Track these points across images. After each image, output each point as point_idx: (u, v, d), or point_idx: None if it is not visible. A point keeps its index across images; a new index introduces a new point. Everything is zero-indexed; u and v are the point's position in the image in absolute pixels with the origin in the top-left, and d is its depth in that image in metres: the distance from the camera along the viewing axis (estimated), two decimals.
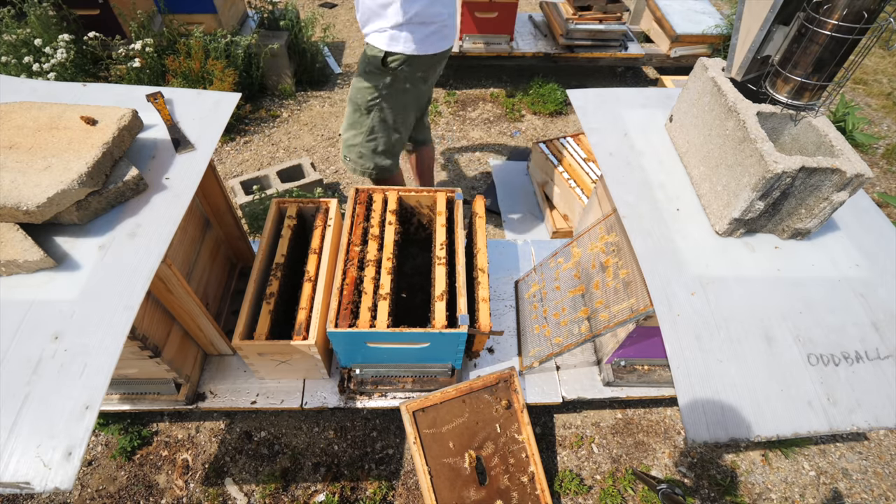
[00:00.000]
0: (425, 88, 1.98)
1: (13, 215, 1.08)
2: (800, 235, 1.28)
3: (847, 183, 1.12)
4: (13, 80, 1.55)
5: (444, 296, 1.55)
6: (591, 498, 1.83)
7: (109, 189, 1.19)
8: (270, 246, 1.72)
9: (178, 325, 1.60)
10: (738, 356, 1.07)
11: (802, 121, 1.23)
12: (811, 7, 1.05)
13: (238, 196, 2.50)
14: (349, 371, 1.74)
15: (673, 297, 1.14)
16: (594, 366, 1.89)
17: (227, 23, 3.29)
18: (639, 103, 1.65)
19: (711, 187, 1.29)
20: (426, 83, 1.95)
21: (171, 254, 1.34)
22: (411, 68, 1.79)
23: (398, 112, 1.92)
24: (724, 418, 1.00)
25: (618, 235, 1.54)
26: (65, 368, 0.96)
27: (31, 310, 1.04)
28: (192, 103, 1.53)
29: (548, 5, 3.73)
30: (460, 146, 3.26)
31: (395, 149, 2.04)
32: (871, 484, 1.91)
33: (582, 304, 1.77)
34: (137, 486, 1.79)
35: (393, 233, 1.67)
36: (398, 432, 1.95)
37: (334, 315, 1.47)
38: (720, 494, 1.86)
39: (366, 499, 1.78)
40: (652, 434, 2.00)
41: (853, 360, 1.09)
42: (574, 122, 3.50)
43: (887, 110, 3.81)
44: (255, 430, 1.93)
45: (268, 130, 3.28)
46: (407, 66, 1.77)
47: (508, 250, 2.27)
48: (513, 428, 1.63)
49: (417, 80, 1.87)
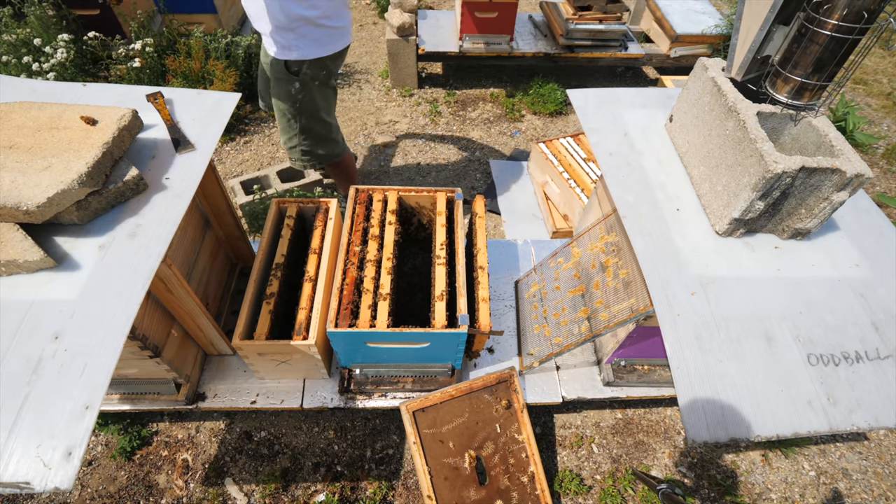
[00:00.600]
0: (333, 82, 2.01)
1: (13, 215, 1.08)
2: (800, 235, 1.28)
3: (847, 183, 1.12)
4: (13, 80, 1.55)
5: (444, 296, 1.55)
6: (591, 498, 1.83)
7: (109, 189, 1.19)
8: (270, 246, 1.72)
9: (178, 325, 1.60)
10: (738, 356, 1.07)
11: (802, 121, 1.23)
12: (811, 7, 1.05)
13: (238, 196, 2.50)
14: (349, 371, 1.74)
15: (673, 297, 1.14)
16: (594, 366, 1.89)
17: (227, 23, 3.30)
18: (639, 103, 1.65)
19: (711, 187, 1.29)
20: (333, 77, 1.99)
21: (171, 254, 1.34)
22: (314, 70, 1.84)
23: (321, 106, 1.98)
24: (724, 418, 1.00)
25: (618, 235, 1.54)
26: (65, 368, 0.96)
27: (31, 310, 1.04)
28: (192, 103, 1.53)
29: (548, 5, 3.73)
30: (460, 146, 3.26)
31: (332, 134, 2.11)
32: (871, 484, 1.91)
33: (582, 304, 1.77)
34: (137, 486, 1.79)
35: (393, 233, 1.67)
36: (398, 432, 1.95)
37: (334, 315, 1.47)
38: (720, 494, 1.86)
39: (366, 499, 1.78)
40: (652, 434, 2.00)
41: (853, 360, 1.09)
42: (574, 122, 3.50)
43: (887, 110, 3.81)
44: (255, 430, 1.93)
45: (268, 130, 3.28)
46: (309, 68, 1.82)
47: (508, 250, 2.27)
48: (513, 428, 1.63)
49: (323, 77, 1.90)
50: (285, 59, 1.78)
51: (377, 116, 3.45)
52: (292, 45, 1.74)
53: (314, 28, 1.72)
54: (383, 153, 3.19)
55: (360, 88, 3.69)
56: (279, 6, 1.62)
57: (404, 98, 3.61)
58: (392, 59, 3.50)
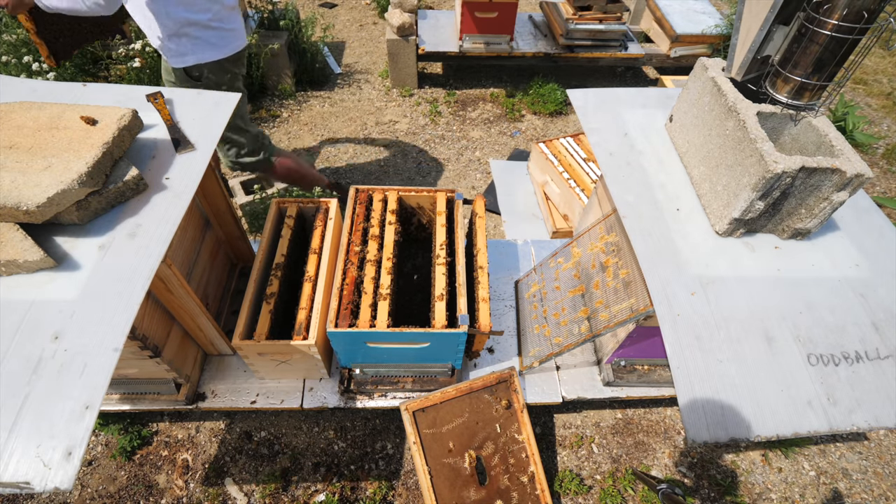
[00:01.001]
0: (240, 84, 1.98)
1: (13, 215, 1.08)
2: (800, 235, 1.28)
3: (847, 183, 1.12)
4: (13, 80, 1.55)
5: (444, 296, 1.55)
6: (591, 498, 1.83)
7: (109, 189, 1.19)
8: (270, 246, 1.72)
9: (178, 325, 1.60)
10: (738, 356, 1.07)
11: (802, 121, 1.23)
12: (811, 7, 1.05)
13: (238, 196, 2.50)
14: (349, 371, 1.74)
15: (673, 297, 1.14)
16: (594, 366, 1.89)
17: None
18: (639, 103, 1.65)
19: (711, 187, 1.29)
20: (238, 82, 1.95)
21: (171, 254, 1.34)
22: (217, 75, 1.82)
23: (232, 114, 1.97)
24: (724, 418, 1.00)
25: (618, 235, 1.54)
26: (65, 368, 0.96)
27: (31, 310, 1.04)
28: (192, 103, 1.53)
29: (548, 5, 3.73)
30: (460, 146, 3.26)
31: (251, 144, 2.09)
32: (871, 484, 1.91)
33: (582, 304, 1.77)
34: (137, 486, 1.79)
35: (393, 233, 1.67)
36: (398, 432, 1.95)
37: (334, 315, 1.47)
38: (720, 494, 1.86)
39: (366, 499, 1.78)
40: (652, 434, 2.00)
41: (853, 360, 1.09)
42: (574, 122, 3.50)
43: (887, 110, 3.81)
44: (255, 430, 1.93)
45: (268, 130, 3.28)
46: (210, 73, 1.80)
47: (508, 250, 2.27)
48: (513, 428, 1.63)
49: (228, 81, 1.88)
50: (184, 66, 1.75)
51: (377, 116, 3.45)
52: (188, 51, 1.72)
53: (205, 30, 1.70)
54: (383, 153, 3.19)
55: (360, 88, 3.69)
56: (166, 13, 1.61)
57: (404, 98, 3.61)
58: (392, 59, 3.50)
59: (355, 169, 3.07)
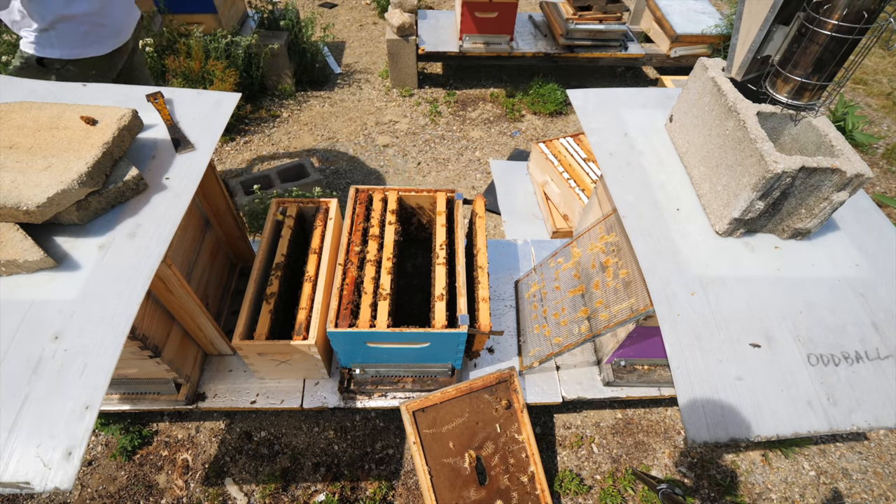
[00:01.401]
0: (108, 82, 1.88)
1: (13, 215, 1.08)
2: (800, 235, 1.28)
3: (847, 183, 1.12)
4: (13, 80, 1.55)
5: (444, 296, 1.55)
6: (591, 498, 1.83)
7: (109, 189, 1.19)
8: (270, 246, 1.72)
9: (178, 325, 1.60)
10: (738, 356, 1.07)
11: (802, 121, 1.23)
12: (811, 7, 1.05)
13: (238, 196, 2.50)
14: (349, 371, 1.74)
15: (673, 297, 1.14)
16: (594, 366, 1.89)
17: (227, 23, 3.29)
18: (639, 103, 1.65)
19: (711, 187, 1.29)
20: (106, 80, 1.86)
21: (171, 254, 1.34)
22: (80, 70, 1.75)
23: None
24: (724, 418, 1.00)
25: (618, 235, 1.54)
26: (65, 368, 0.96)
27: (31, 310, 1.04)
28: (192, 103, 1.53)
29: (548, 5, 3.73)
30: (460, 146, 3.26)
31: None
32: (871, 484, 1.91)
33: (582, 304, 1.77)
34: (137, 486, 1.79)
35: (393, 233, 1.67)
36: (398, 432, 1.95)
37: (334, 315, 1.47)
38: (720, 494, 1.86)
39: (366, 499, 1.78)
40: (652, 434, 2.00)
41: (853, 360, 1.09)
42: (574, 122, 3.50)
43: (887, 110, 3.81)
44: (255, 430, 1.93)
45: (268, 130, 3.28)
46: (73, 66, 1.73)
47: (508, 250, 2.27)
48: (513, 428, 1.63)
49: (94, 77, 1.80)
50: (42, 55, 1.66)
51: (377, 116, 3.45)
52: (54, 44, 1.65)
53: (78, 24, 1.63)
54: (383, 153, 3.19)
55: (360, 88, 3.69)
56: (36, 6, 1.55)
57: (404, 98, 3.61)
58: (392, 59, 3.50)
59: (355, 169, 3.07)
